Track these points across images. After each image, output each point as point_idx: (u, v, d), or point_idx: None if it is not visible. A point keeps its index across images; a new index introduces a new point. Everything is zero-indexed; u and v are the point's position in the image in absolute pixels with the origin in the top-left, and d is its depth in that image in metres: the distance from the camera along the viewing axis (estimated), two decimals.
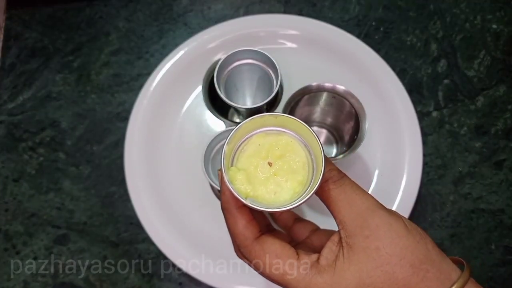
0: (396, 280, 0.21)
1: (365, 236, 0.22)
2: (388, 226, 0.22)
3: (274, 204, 0.23)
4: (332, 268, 0.22)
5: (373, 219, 0.22)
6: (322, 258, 0.23)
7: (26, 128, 0.46)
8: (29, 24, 0.50)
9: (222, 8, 0.50)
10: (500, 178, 0.43)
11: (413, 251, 0.21)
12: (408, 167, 0.41)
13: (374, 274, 0.21)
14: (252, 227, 0.24)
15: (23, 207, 0.43)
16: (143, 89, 0.45)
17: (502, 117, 0.45)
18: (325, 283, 0.22)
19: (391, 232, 0.22)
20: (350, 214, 0.22)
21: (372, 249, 0.21)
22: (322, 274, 0.22)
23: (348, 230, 0.22)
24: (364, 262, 0.21)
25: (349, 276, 0.21)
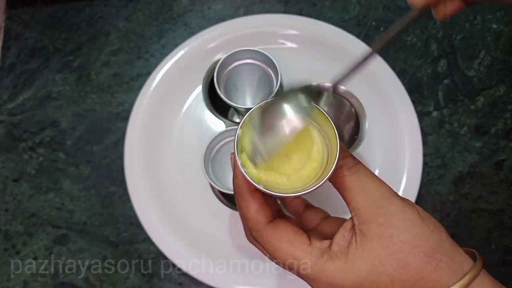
0: (409, 268, 0.21)
1: (379, 223, 0.21)
2: (402, 214, 0.21)
3: (287, 189, 0.22)
4: (344, 255, 0.22)
5: (387, 207, 0.21)
6: (334, 244, 0.22)
7: (26, 128, 0.46)
8: (29, 24, 0.50)
9: (222, 8, 0.50)
10: (500, 178, 0.43)
11: (427, 240, 0.21)
12: (408, 167, 0.41)
13: (386, 261, 0.21)
14: (264, 211, 0.23)
15: (23, 207, 0.43)
16: (143, 89, 0.45)
17: (502, 117, 0.45)
18: (337, 269, 0.21)
19: (405, 220, 0.21)
20: (364, 201, 0.22)
21: (386, 236, 0.21)
22: (334, 260, 0.22)
23: (361, 217, 0.22)
24: (377, 249, 0.21)
25: (361, 263, 0.21)
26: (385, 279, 0.21)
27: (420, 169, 0.41)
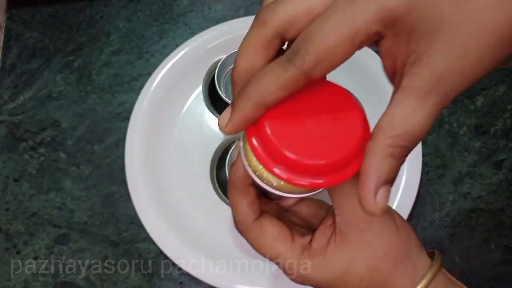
0: (378, 272, 0.23)
1: (360, 228, 0.23)
2: (382, 222, 0.23)
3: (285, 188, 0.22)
4: (323, 252, 0.23)
5: None
6: (314, 241, 0.24)
7: (26, 128, 0.46)
8: (30, 24, 0.50)
9: (223, 9, 0.50)
10: (500, 178, 0.43)
11: (398, 248, 0.23)
12: (407, 167, 0.41)
13: (359, 264, 0.23)
14: (254, 207, 0.24)
15: (24, 207, 0.43)
16: (144, 89, 0.45)
17: (501, 117, 0.45)
18: (314, 266, 0.23)
19: (383, 229, 0.23)
20: (352, 204, 0.22)
21: (364, 242, 0.23)
22: (313, 257, 0.23)
23: (345, 218, 0.23)
24: (353, 252, 0.23)
25: (336, 263, 0.23)
26: (355, 279, 0.23)
27: (420, 168, 0.41)
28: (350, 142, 0.19)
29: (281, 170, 0.19)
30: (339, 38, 0.17)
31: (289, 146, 0.19)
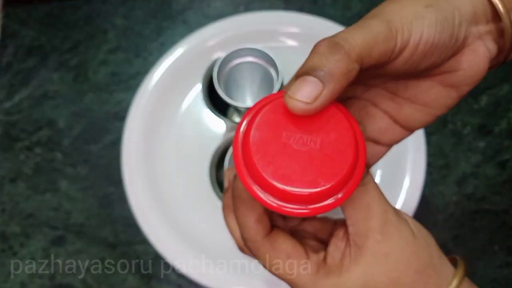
0: (400, 285, 0.21)
1: (376, 240, 0.21)
2: (399, 232, 0.21)
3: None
4: (339, 269, 0.22)
5: (386, 224, 0.21)
6: (329, 257, 0.22)
7: (22, 128, 0.45)
8: (26, 22, 0.49)
9: (222, 5, 0.49)
10: (504, 178, 0.42)
11: (418, 258, 0.21)
12: (411, 167, 0.41)
13: (379, 278, 0.21)
14: (264, 222, 0.22)
15: (20, 208, 0.43)
16: (141, 88, 0.44)
17: (505, 116, 0.44)
18: (332, 284, 0.21)
19: (401, 239, 0.21)
20: (365, 215, 0.21)
21: (382, 254, 0.21)
22: (329, 275, 0.22)
23: (359, 229, 0.21)
24: (371, 265, 0.21)
25: (354, 278, 0.21)
26: None
27: (423, 169, 0.41)
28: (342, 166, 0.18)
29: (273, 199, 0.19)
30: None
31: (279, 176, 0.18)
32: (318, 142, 0.19)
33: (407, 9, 0.20)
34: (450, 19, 0.20)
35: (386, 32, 0.19)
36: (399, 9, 0.20)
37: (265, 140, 0.19)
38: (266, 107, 0.19)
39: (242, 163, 0.19)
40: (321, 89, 0.18)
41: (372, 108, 0.24)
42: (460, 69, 0.22)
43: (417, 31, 0.19)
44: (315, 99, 0.18)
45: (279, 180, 0.18)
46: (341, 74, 0.18)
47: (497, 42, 0.22)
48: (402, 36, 0.19)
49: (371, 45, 0.19)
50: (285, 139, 0.19)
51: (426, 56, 0.20)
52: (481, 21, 0.21)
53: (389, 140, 0.24)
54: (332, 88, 0.18)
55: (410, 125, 0.24)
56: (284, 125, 0.19)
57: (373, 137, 0.24)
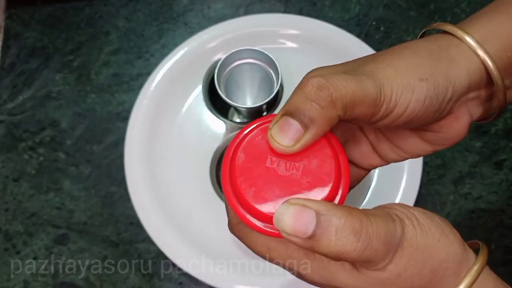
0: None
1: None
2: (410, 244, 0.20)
3: None
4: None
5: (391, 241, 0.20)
6: None
7: (26, 128, 0.46)
8: (29, 23, 0.50)
9: (222, 8, 0.50)
10: (501, 178, 0.43)
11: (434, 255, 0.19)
12: (408, 166, 0.41)
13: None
14: None
15: (23, 207, 0.43)
16: (143, 89, 0.45)
17: (502, 117, 0.45)
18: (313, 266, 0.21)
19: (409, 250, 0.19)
20: None
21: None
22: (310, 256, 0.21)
23: None
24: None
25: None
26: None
27: (420, 168, 0.41)
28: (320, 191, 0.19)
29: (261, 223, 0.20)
30: None
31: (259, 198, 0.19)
32: (300, 169, 0.19)
33: (401, 79, 0.20)
34: (441, 96, 0.20)
35: (375, 96, 0.19)
36: (393, 77, 0.20)
37: (250, 164, 0.20)
38: (255, 130, 0.20)
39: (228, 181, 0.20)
40: (302, 133, 0.18)
41: (358, 132, 0.24)
42: (441, 132, 0.22)
43: (403, 104, 0.20)
44: (295, 143, 0.19)
45: (258, 201, 0.19)
46: (324, 121, 0.18)
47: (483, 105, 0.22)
48: (387, 105, 0.20)
49: (358, 101, 0.19)
50: (269, 164, 0.19)
51: (406, 123, 0.21)
52: (473, 90, 0.21)
53: (368, 164, 0.25)
54: (313, 133, 0.19)
55: (384, 158, 0.24)
56: (270, 150, 0.20)
57: (355, 159, 0.25)
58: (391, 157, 0.24)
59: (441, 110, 0.21)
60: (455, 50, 0.21)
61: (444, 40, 0.22)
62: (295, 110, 0.19)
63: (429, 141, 0.23)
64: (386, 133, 0.24)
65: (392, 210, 0.20)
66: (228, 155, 0.21)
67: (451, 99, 0.21)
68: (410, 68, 0.20)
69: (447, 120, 0.22)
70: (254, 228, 0.20)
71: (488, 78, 0.21)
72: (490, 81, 0.21)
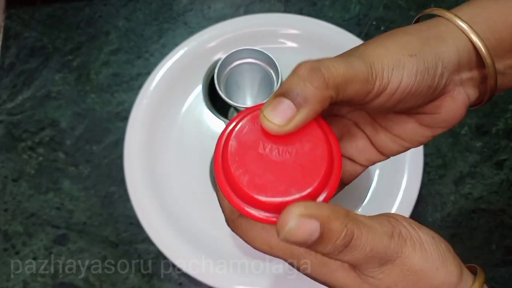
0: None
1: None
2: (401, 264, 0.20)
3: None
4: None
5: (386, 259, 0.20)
6: None
7: (25, 128, 0.46)
8: (29, 23, 0.50)
9: (222, 7, 0.50)
10: (501, 178, 0.43)
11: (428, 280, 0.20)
12: (408, 167, 0.41)
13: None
14: None
15: (23, 207, 0.43)
16: (143, 89, 0.44)
17: (503, 116, 0.45)
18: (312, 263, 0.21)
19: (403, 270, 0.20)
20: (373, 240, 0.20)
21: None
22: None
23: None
24: None
25: None
26: None
27: (421, 169, 0.41)
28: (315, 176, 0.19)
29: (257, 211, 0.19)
30: None
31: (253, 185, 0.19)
32: (293, 153, 0.19)
33: (390, 56, 0.20)
34: (432, 71, 0.20)
35: (366, 73, 0.19)
36: (383, 54, 0.20)
37: (242, 150, 0.19)
38: (246, 117, 0.20)
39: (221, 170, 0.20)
40: (295, 113, 0.18)
41: (353, 128, 0.24)
42: (438, 113, 0.22)
43: (395, 79, 0.20)
44: (288, 122, 0.18)
45: (253, 189, 0.19)
46: (316, 101, 0.18)
47: (479, 87, 0.22)
48: (380, 82, 0.20)
49: (349, 80, 0.19)
50: (261, 150, 0.19)
51: (401, 102, 0.21)
52: (464, 68, 0.22)
53: (365, 160, 0.25)
54: (306, 113, 0.18)
55: (384, 151, 0.24)
56: (262, 136, 0.19)
57: (351, 155, 0.25)
58: (390, 148, 0.24)
59: (434, 86, 0.21)
60: (443, 29, 0.21)
61: (434, 20, 0.22)
62: (288, 90, 0.19)
63: (427, 125, 0.23)
64: (383, 123, 0.24)
65: (399, 227, 0.20)
66: (219, 145, 0.20)
67: (442, 75, 0.21)
68: (399, 46, 0.20)
69: (443, 100, 0.22)
70: (249, 217, 0.19)
71: (478, 59, 0.21)
72: (481, 63, 0.22)
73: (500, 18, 0.22)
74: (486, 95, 0.23)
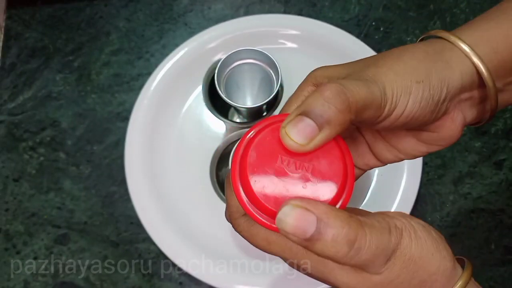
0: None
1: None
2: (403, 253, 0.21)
3: None
4: None
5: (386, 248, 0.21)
6: None
7: (26, 128, 0.46)
8: (30, 23, 0.50)
9: (222, 8, 0.50)
10: (500, 178, 0.43)
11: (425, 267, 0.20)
12: (408, 167, 0.41)
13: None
14: None
15: (24, 207, 0.43)
16: (144, 89, 0.45)
17: (502, 117, 0.45)
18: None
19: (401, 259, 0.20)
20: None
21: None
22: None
23: None
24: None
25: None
26: None
27: (420, 169, 0.41)
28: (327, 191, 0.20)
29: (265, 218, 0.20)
30: None
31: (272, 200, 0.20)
32: (310, 169, 0.20)
33: (400, 82, 0.21)
34: (436, 98, 0.21)
35: (380, 99, 0.20)
36: (393, 80, 0.21)
37: (261, 162, 0.20)
38: (267, 129, 0.20)
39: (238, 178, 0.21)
40: (317, 133, 0.19)
41: (355, 132, 0.25)
42: (436, 132, 0.23)
43: (401, 106, 0.21)
44: (309, 142, 0.19)
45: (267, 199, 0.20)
46: (338, 123, 0.19)
47: (477, 107, 0.23)
48: (389, 107, 0.21)
49: (368, 105, 0.20)
50: (279, 163, 0.20)
51: (404, 125, 0.22)
52: (465, 90, 0.22)
53: (363, 164, 0.25)
54: (327, 134, 0.19)
55: (380, 158, 0.25)
56: (280, 149, 0.20)
57: None
58: (386, 157, 0.25)
59: (436, 111, 0.22)
60: (449, 54, 0.22)
61: (439, 44, 0.23)
62: (312, 111, 0.19)
63: (424, 141, 0.24)
64: (383, 133, 0.24)
65: (393, 220, 0.20)
66: (238, 152, 0.21)
67: (445, 100, 0.22)
68: (408, 71, 0.21)
69: (443, 120, 0.23)
70: (261, 224, 0.20)
71: (479, 80, 0.22)
72: (482, 83, 0.22)
73: (502, 40, 0.22)
74: (485, 115, 0.23)
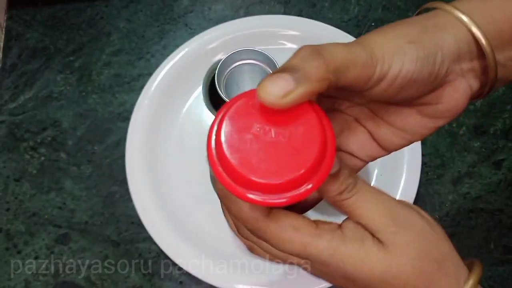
0: (423, 274, 0.21)
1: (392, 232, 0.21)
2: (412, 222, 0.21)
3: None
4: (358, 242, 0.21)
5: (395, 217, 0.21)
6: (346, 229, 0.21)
7: (27, 128, 0.46)
8: (30, 24, 0.50)
9: (223, 9, 0.50)
10: (499, 178, 0.43)
11: (437, 247, 0.21)
12: (407, 167, 0.41)
13: (403, 268, 0.21)
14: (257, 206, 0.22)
15: (24, 207, 0.43)
16: (144, 89, 0.45)
17: (501, 117, 0.45)
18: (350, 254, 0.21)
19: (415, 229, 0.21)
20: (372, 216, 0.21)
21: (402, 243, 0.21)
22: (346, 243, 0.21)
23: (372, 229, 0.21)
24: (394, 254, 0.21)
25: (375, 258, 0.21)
26: (398, 283, 0.21)
27: (419, 168, 0.41)
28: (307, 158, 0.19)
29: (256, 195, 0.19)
30: None
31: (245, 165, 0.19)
32: (286, 135, 0.19)
33: (390, 43, 0.20)
34: (432, 58, 0.21)
35: (366, 58, 0.20)
36: (383, 42, 0.20)
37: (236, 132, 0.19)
38: (241, 100, 0.20)
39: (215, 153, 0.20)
40: (293, 87, 0.18)
41: (353, 123, 0.24)
42: (440, 103, 0.22)
43: (396, 65, 0.20)
44: (285, 95, 0.18)
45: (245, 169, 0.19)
46: (315, 79, 0.18)
47: (480, 78, 0.23)
48: (381, 67, 0.20)
49: (349, 63, 0.19)
50: (255, 131, 0.19)
51: (403, 89, 0.21)
52: (464, 59, 0.22)
53: (365, 155, 0.25)
54: (304, 89, 0.18)
55: (386, 145, 0.24)
56: (256, 117, 0.19)
57: (351, 150, 0.25)
58: (392, 142, 0.24)
59: (435, 73, 0.21)
60: (442, 19, 0.22)
61: (432, 12, 0.22)
62: (287, 67, 0.19)
63: (429, 116, 0.23)
64: (385, 116, 0.24)
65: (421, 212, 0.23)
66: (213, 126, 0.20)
67: (442, 62, 0.21)
68: (398, 34, 0.21)
69: (444, 89, 0.22)
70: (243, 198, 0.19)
71: (478, 50, 0.22)
72: (481, 53, 0.22)
73: (499, 10, 0.22)
74: (488, 86, 0.23)
